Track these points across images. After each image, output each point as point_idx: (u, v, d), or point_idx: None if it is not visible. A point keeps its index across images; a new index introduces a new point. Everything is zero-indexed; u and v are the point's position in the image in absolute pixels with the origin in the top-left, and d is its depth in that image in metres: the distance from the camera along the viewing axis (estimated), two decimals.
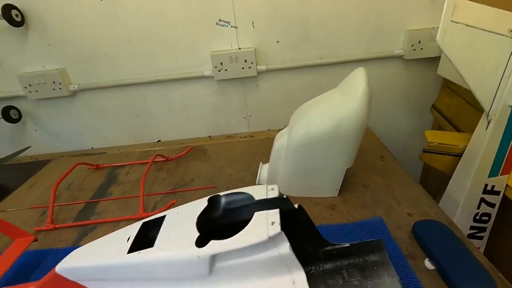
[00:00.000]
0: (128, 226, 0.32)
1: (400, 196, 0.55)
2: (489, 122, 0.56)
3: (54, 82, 0.80)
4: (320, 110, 0.52)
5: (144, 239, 0.28)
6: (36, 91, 0.80)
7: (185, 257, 0.25)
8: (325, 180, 0.55)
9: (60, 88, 0.80)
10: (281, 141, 0.58)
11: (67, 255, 0.33)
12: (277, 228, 0.24)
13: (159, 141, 0.93)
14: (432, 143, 0.62)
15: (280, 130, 0.61)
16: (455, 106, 0.74)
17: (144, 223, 0.31)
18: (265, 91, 0.85)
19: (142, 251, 0.27)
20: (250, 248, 0.24)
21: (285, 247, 0.24)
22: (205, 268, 0.25)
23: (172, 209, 0.31)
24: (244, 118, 0.90)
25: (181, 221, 0.29)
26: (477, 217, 0.61)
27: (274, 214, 0.25)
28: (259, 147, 0.80)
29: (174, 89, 0.85)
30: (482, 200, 0.60)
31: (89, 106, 0.87)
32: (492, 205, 0.60)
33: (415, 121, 0.90)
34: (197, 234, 0.26)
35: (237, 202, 0.28)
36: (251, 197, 0.28)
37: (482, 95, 0.55)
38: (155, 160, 0.77)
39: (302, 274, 0.24)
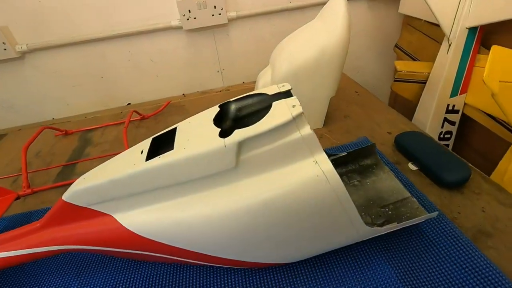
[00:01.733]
0: (135, 145, 0.30)
1: (379, 120, 0.59)
2: (449, 46, 0.61)
3: None
4: (303, 40, 0.53)
5: (160, 148, 0.27)
6: None
7: (211, 150, 0.25)
8: (311, 112, 0.57)
9: (5, 49, 0.70)
10: (264, 79, 0.58)
11: None
12: (299, 109, 0.25)
13: (129, 104, 0.87)
14: (401, 71, 0.67)
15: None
16: (416, 41, 0.79)
17: (154, 137, 0.30)
18: (237, 40, 0.83)
19: (162, 155, 0.26)
20: (274, 131, 0.25)
21: (306, 129, 0.25)
22: (232, 159, 0.25)
23: (182, 121, 0.30)
24: (218, 71, 0.88)
25: (196, 126, 0.28)
26: (441, 136, 0.69)
27: (293, 100, 0.26)
28: None
29: (140, 44, 0.79)
30: (445, 119, 0.67)
31: (43, 69, 0.78)
32: (453, 123, 0.68)
33: (381, 62, 0.96)
34: (218, 130, 0.26)
35: (251, 103, 0.28)
36: (265, 94, 0.28)
37: (443, 20, 0.60)
38: (131, 119, 0.73)
39: (323, 154, 0.26)
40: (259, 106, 0.27)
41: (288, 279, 0.31)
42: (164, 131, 0.30)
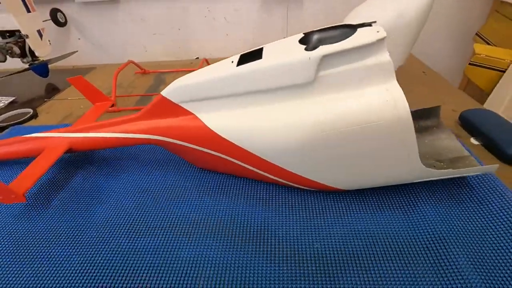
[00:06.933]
0: (225, 59, 0.35)
1: (445, 98, 0.58)
2: None
3: None
4: (380, 3, 0.53)
5: (249, 60, 0.32)
6: None
7: (296, 60, 0.28)
8: None
9: None
10: None
11: None
12: (383, 34, 0.27)
13: (197, 58, 0.95)
14: (479, 55, 0.63)
15: None
16: (504, 30, 0.73)
17: (242, 54, 0.34)
18: (309, 11, 0.85)
19: (251, 63, 0.30)
20: (356, 51, 0.27)
21: (385, 56, 0.27)
22: (312, 72, 0.28)
23: (266, 44, 0.34)
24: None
25: (282, 45, 0.32)
26: None
27: (377, 27, 0.28)
28: None
29: (219, 2, 0.84)
30: None
31: (133, 16, 0.88)
32: None
33: (456, 50, 0.90)
34: (303, 46, 0.29)
35: (336, 31, 0.31)
36: (351, 25, 0.30)
37: None
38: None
39: (395, 83, 0.28)
40: (345, 32, 0.30)
41: (337, 206, 0.34)
42: (252, 49, 0.34)
